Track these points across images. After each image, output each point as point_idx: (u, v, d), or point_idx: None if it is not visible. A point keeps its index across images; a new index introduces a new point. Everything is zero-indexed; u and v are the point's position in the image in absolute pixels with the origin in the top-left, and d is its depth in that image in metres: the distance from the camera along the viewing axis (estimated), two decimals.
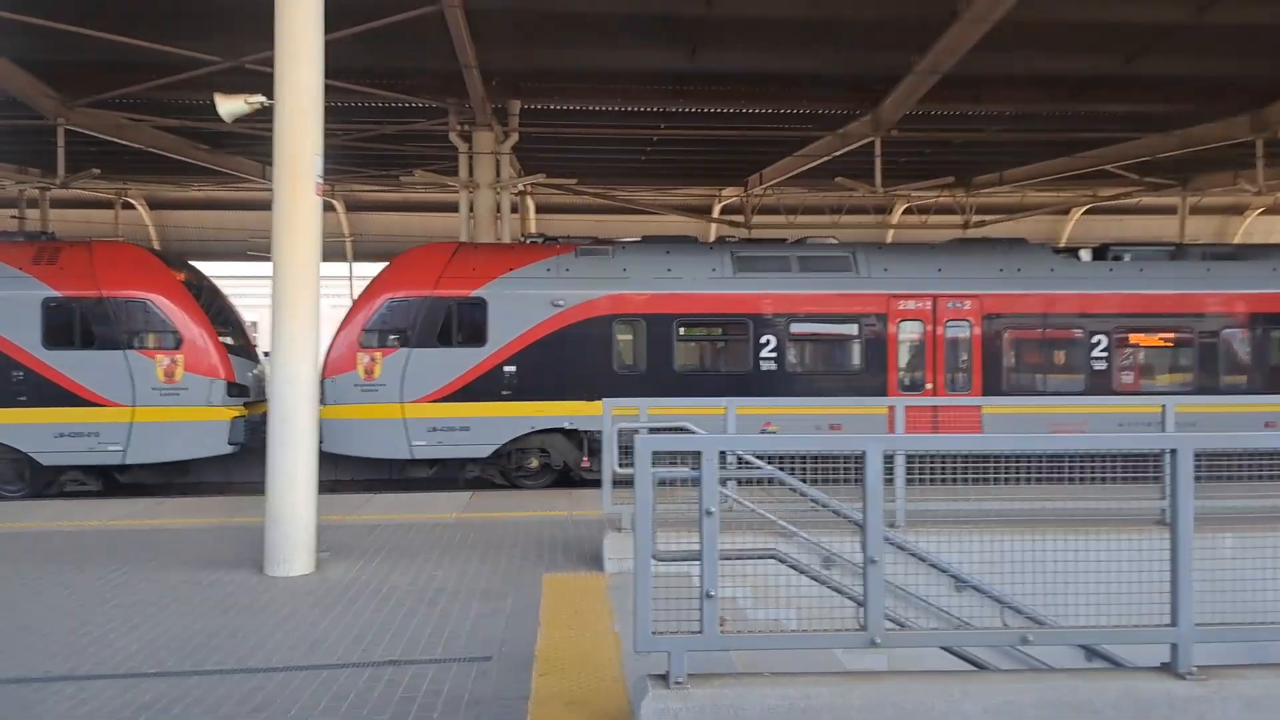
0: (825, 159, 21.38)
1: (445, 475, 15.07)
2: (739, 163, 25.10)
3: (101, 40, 14.40)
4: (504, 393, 14.41)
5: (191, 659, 5.96)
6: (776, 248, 15.90)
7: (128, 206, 28.11)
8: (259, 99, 9.03)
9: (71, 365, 13.73)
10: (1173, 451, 4.52)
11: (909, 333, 14.99)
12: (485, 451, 14.47)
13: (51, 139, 18.57)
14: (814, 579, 4.87)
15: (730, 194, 28.51)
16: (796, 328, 14.96)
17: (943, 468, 7.80)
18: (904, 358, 15.00)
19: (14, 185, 23.17)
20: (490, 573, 8.16)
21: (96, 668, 5.80)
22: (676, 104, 19.44)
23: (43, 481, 13.96)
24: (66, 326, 13.85)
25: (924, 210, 28.98)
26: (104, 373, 13.74)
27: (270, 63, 8.52)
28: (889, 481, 7.78)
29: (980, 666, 5.66)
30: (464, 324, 14.57)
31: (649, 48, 16.52)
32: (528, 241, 16.59)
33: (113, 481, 14.67)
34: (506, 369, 14.43)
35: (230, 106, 9.06)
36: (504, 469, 14.77)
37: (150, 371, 13.81)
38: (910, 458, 7.89)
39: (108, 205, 27.32)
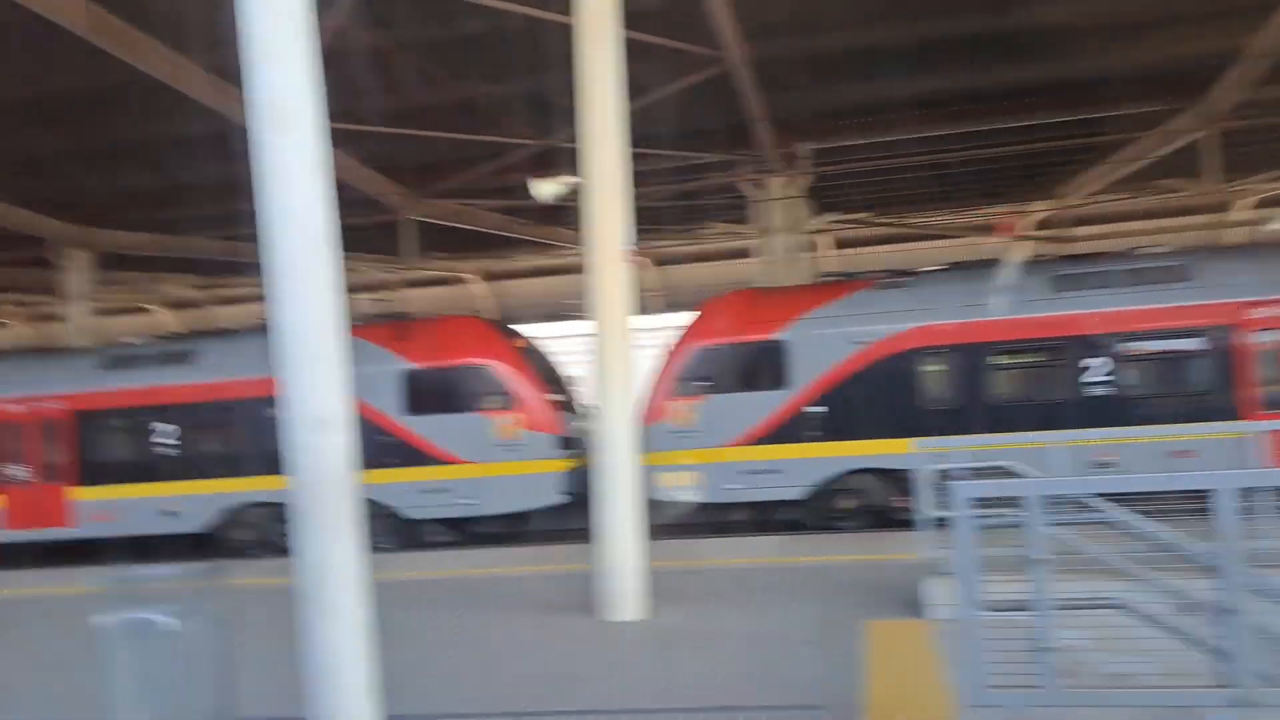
0: (1145, 161, 19.64)
1: (759, 518, 15.31)
2: (1047, 175, 23.63)
3: (438, 139, 16.36)
4: (812, 434, 14.44)
5: (541, 700, 6.53)
6: (1098, 262, 14.77)
7: (466, 282, 31.35)
8: (570, 180, 9.86)
9: (428, 429, 15.49)
10: None
11: (1264, 344, 13.33)
12: (797, 494, 14.53)
13: (402, 230, 21.25)
14: (1170, 631, 4.51)
15: (1040, 208, 26.84)
16: (1127, 348, 13.77)
17: None
18: (1260, 373, 13.33)
19: (375, 272, 26.62)
20: (813, 618, 8.23)
21: (467, 705, 6.52)
22: (974, 123, 18.72)
23: (409, 534, 15.80)
24: (422, 394, 15.66)
25: (1277, 203, 25.64)
26: (455, 434, 15.37)
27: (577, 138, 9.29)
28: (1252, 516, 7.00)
29: None
30: (768, 367, 14.80)
31: (940, 71, 16.13)
32: (825, 280, 16.62)
33: (466, 533, 16.28)
34: (813, 410, 14.47)
35: (547, 190, 9.96)
36: (817, 510, 14.74)
37: (492, 431, 15.27)
38: None
39: (448, 282, 30.63)
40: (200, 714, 4.73)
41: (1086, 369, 13.71)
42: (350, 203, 19.57)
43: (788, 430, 14.49)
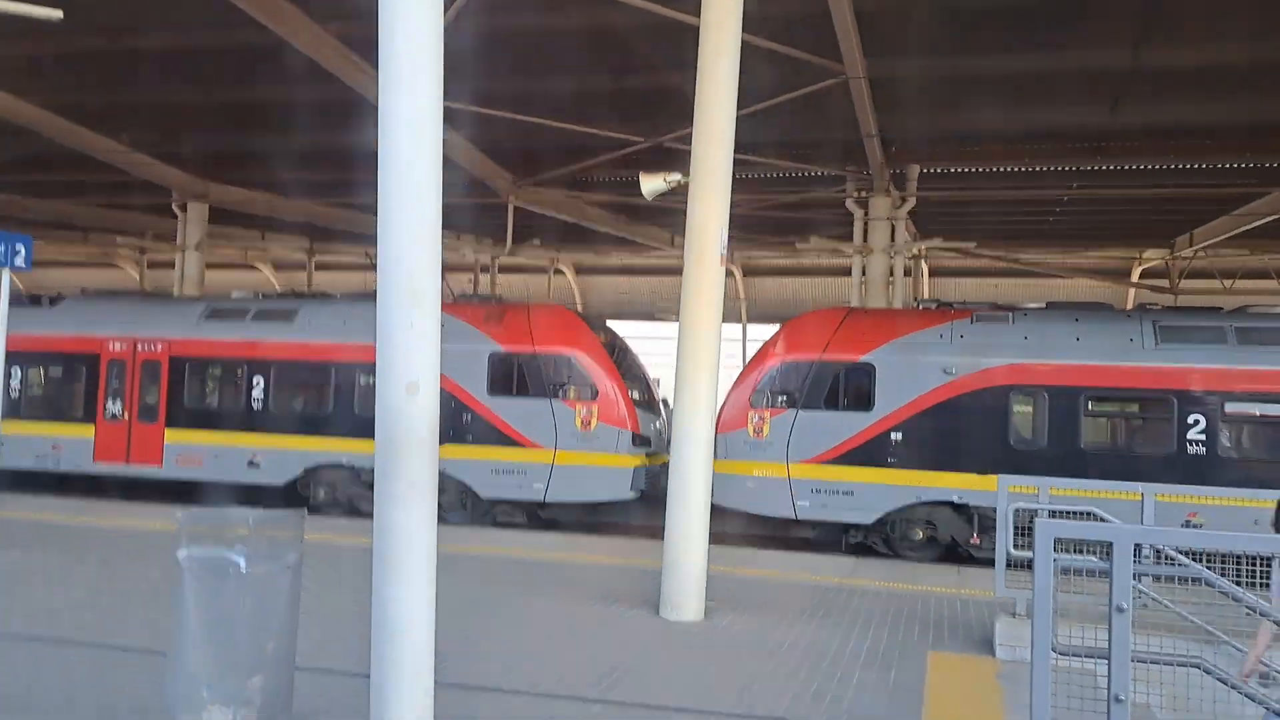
0: (1273, 217, 18.83)
1: (827, 538, 15.13)
2: (1164, 222, 22.83)
3: (550, 127, 16.59)
4: (890, 460, 14.21)
5: (597, 687, 6.56)
6: (1210, 316, 14.24)
7: (558, 273, 31.70)
8: (676, 177, 9.92)
9: (508, 411, 15.70)
10: None
11: None
12: (868, 518, 14.32)
13: (503, 214, 21.59)
14: (1248, 697, 4.31)
15: (1153, 256, 25.93)
16: (1232, 408, 13.22)
17: None
18: None
19: (472, 254, 27.09)
20: (873, 642, 8.10)
21: (520, 684, 6.59)
22: (1092, 162, 18.21)
23: (480, 511, 16.03)
24: (506, 377, 15.88)
25: None
26: (533, 419, 15.55)
27: (683, 140, 9.33)
28: None
29: None
30: (851, 388, 14.62)
31: (1063, 105, 15.74)
32: (921, 307, 16.33)
33: (534, 517, 16.44)
34: (893, 436, 14.24)
35: (652, 185, 10.03)
36: (887, 537, 14.50)
37: (570, 420, 15.40)
38: None
39: (542, 271, 31.01)
40: (261, 656, 4.86)
41: (1182, 424, 13.21)
42: (456, 183, 20.03)
43: (865, 453, 14.28)
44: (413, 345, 4.86)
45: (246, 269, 32.89)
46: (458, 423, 15.66)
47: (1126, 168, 18.25)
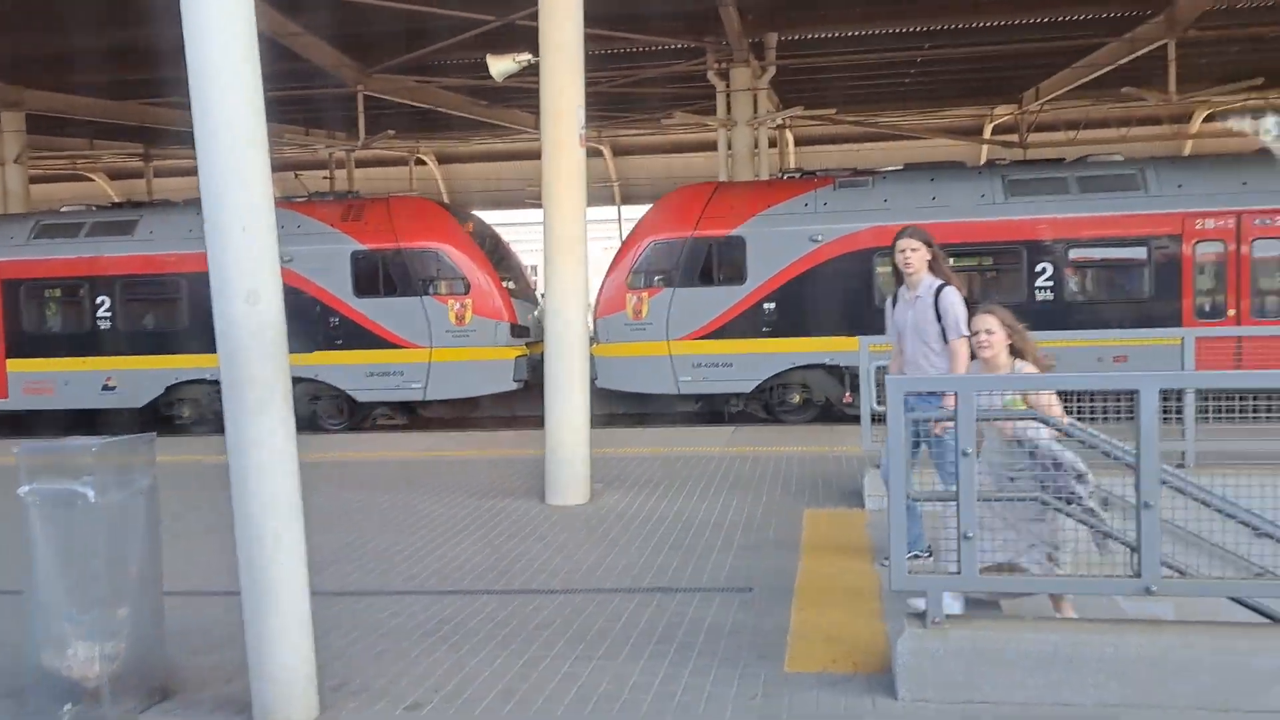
0: (1110, 67, 19.53)
1: (710, 409, 15.49)
2: (1013, 78, 23.42)
3: (391, 9, 15.69)
4: (764, 329, 14.53)
5: (484, 580, 6.62)
6: (1054, 168, 14.83)
7: (420, 163, 30.56)
8: (525, 57, 9.55)
9: (378, 311, 15.29)
10: None
11: (1207, 255, 13.55)
12: (748, 387, 14.70)
13: (353, 105, 20.54)
14: (1081, 522, 4.66)
15: (1003, 113, 26.68)
16: (1076, 254, 13.93)
17: (1253, 402, 7.11)
18: (1201, 283, 13.59)
19: (324, 149, 25.83)
20: (752, 506, 8.39)
21: (406, 584, 6.58)
22: (942, 21, 18.42)
23: (359, 416, 15.75)
24: (372, 276, 15.40)
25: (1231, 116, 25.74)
26: (405, 317, 15.19)
27: (534, 18, 8.95)
28: (1174, 420, 7.27)
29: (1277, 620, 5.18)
30: (724, 262, 14.77)
31: None
32: (785, 177, 16.46)
33: (415, 416, 16.27)
34: (767, 306, 14.52)
35: (501, 66, 9.65)
36: (767, 404, 14.95)
37: (444, 316, 15.12)
38: (1208, 393, 7.31)
39: (402, 163, 29.84)
40: (124, 586, 4.68)
41: (1031, 273, 13.86)
42: (299, 74, 18.85)
43: (741, 325, 14.53)
44: (248, 250, 4.57)
45: (79, 180, 30.64)
46: (325, 327, 15.20)
47: (975, 25, 18.52)
